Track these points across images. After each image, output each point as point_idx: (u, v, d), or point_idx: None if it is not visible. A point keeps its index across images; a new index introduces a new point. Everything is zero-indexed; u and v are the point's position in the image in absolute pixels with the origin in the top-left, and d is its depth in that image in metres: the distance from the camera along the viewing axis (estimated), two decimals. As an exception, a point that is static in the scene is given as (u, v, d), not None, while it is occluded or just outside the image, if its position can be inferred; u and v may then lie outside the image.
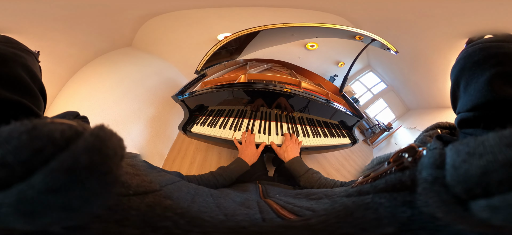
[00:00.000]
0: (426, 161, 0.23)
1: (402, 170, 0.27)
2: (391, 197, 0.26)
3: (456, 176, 0.18)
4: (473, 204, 0.17)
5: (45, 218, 0.16)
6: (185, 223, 0.26)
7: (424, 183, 0.22)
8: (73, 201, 0.16)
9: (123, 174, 0.28)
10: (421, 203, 0.22)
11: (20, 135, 0.17)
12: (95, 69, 0.89)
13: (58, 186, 0.16)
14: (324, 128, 0.93)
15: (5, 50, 0.32)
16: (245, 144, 0.79)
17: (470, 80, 0.31)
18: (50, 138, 0.17)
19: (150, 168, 0.51)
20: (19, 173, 0.16)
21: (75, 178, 0.16)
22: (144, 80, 0.98)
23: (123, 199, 0.25)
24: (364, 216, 0.26)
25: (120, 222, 0.23)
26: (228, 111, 0.89)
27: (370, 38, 0.88)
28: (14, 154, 0.16)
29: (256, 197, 0.51)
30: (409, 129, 0.93)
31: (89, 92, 0.85)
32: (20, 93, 0.31)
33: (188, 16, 0.97)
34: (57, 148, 0.17)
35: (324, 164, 0.95)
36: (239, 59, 0.98)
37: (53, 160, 0.16)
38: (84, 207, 0.17)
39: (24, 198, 0.15)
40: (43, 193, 0.15)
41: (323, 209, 0.35)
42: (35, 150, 0.16)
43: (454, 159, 0.19)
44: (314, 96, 0.87)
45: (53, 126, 0.18)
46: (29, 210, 0.15)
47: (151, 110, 0.93)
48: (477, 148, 0.18)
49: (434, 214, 0.20)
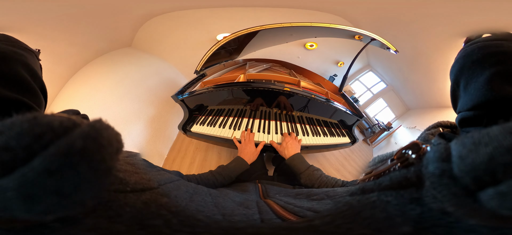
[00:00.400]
0: (432, 155, 0.22)
1: (407, 167, 0.27)
2: (397, 195, 0.25)
3: (464, 166, 0.18)
4: (482, 194, 0.17)
5: (41, 203, 0.16)
6: (177, 222, 0.26)
7: (431, 177, 0.21)
8: (65, 185, 0.17)
9: (120, 170, 0.28)
10: (429, 198, 0.22)
11: (22, 123, 0.18)
12: (95, 69, 0.89)
13: (54, 169, 0.16)
14: (323, 127, 0.93)
15: (5, 48, 0.32)
16: (245, 143, 0.79)
17: (470, 79, 0.31)
18: (49, 126, 0.18)
19: (149, 167, 0.51)
20: (22, 157, 0.17)
21: (70, 162, 0.17)
22: (144, 80, 0.99)
23: (119, 196, 0.25)
24: (373, 216, 0.26)
25: (112, 218, 0.23)
26: (228, 111, 0.89)
27: (370, 38, 0.88)
28: (16, 139, 0.17)
29: (256, 197, 0.50)
30: (409, 128, 0.93)
31: (89, 92, 0.85)
32: (20, 91, 0.31)
33: (188, 16, 0.97)
34: (55, 135, 0.18)
35: (324, 163, 0.95)
36: (239, 59, 0.98)
37: (51, 145, 0.17)
38: (75, 194, 0.17)
39: (25, 180, 0.16)
40: (41, 175, 0.16)
41: (326, 209, 0.34)
42: (36, 135, 0.17)
43: (460, 151, 0.19)
44: (313, 95, 0.86)
45: (53, 117, 0.19)
46: (30, 193, 0.16)
47: (151, 110, 0.94)
48: (483, 138, 0.18)
49: (444, 208, 0.20)
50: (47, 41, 0.78)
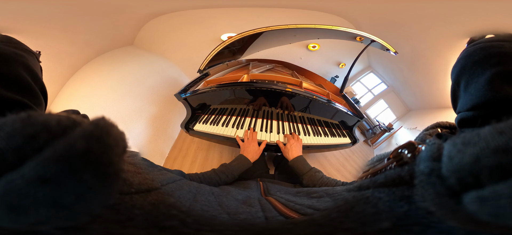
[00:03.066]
0: (424, 155, 0.22)
1: (402, 165, 0.27)
2: (390, 192, 0.26)
3: (451, 166, 0.18)
4: (465, 197, 0.17)
5: (32, 214, 0.14)
6: (193, 222, 0.25)
7: (421, 176, 0.21)
8: (64, 196, 0.14)
9: (126, 171, 0.27)
10: (418, 197, 0.22)
11: (14, 123, 0.16)
12: (96, 68, 0.89)
13: (49, 176, 0.14)
14: (324, 128, 0.94)
15: (6, 50, 0.32)
16: (248, 142, 0.80)
17: (471, 80, 0.31)
18: (45, 126, 0.16)
19: (150, 166, 0.51)
20: (11, 161, 0.14)
21: (68, 168, 0.14)
22: (146, 79, 0.98)
23: (125, 198, 0.23)
24: (364, 210, 0.26)
25: (123, 222, 0.21)
26: (231, 110, 0.89)
27: (370, 40, 0.88)
28: (6, 141, 0.15)
29: (258, 194, 0.51)
30: (410, 129, 0.93)
31: (90, 91, 0.85)
32: (20, 92, 0.31)
33: (192, 16, 0.97)
34: (51, 136, 0.15)
35: (324, 164, 0.96)
36: (242, 59, 0.99)
37: (47, 148, 0.15)
38: (78, 204, 0.15)
39: (11, 188, 0.14)
40: (32, 183, 0.14)
41: (326, 206, 0.35)
42: (28, 136, 0.15)
43: (450, 151, 0.19)
44: (315, 96, 0.87)
45: (50, 116, 0.17)
46: (16, 203, 0.14)
47: (152, 108, 0.93)
48: (472, 138, 0.18)
49: (428, 208, 0.20)
50: (47, 40, 0.78)
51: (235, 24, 0.92)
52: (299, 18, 0.91)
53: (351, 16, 0.90)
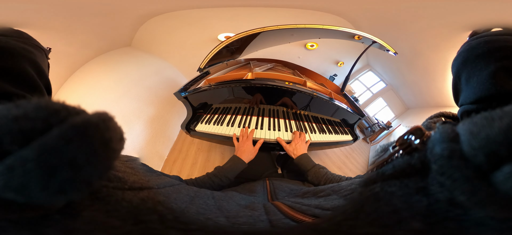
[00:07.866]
0: (438, 137, 0.20)
1: (410, 153, 0.25)
2: (402, 185, 0.23)
3: (477, 142, 0.16)
4: (497, 175, 0.15)
5: (57, 176, 0.17)
6: (173, 219, 0.26)
7: (439, 160, 0.19)
8: (79, 155, 0.17)
9: (119, 171, 0.28)
10: (436, 187, 0.20)
11: (39, 101, 0.19)
12: (94, 68, 0.88)
13: (71, 137, 0.17)
14: (328, 126, 0.95)
15: (14, 44, 0.32)
16: (242, 141, 0.77)
17: (472, 73, 0.31)
18: (64, 106, 0.19)
19: (149, 171, 0.50)
20: (40, 127, 0.17)
21: (85, 133, 0.18)
22: (144, 80, 0.97)
23: (117, 192, 0.25)
24: (377, 210, 0.23)
25: (109, 212, 0.23)
26: (235, 109, 0.88)
27: (370, 40, 0.89)
28: (35, 111, 0.18)
29: (263, 199, 0.50)
30: (408, 127, 0.94)
31: (88, 91, 0.83)
32: (25, 88, 0.31)
33: (189, 16, 0.97)
34: (69, 113, 0.19)
35: (326, 161, 0.96)
36: (241, 59, 0.98)
37: (69, 118, 0.18)
38: (87, 166, 0.18)
39: (45, 148, 0.16)
40: (60, 141, 0.17)
41: (332, 205, 0.34)
42: (52, 110, 0.18)
43: (470, 128, 0.17)
44: (319, 95, 0.89)
45: (61, 103, 0.20)
46: (48, 163, 0.16)
47: (150, 110, 0.92)
48: (495, 114, 0.17)
49: (453, 198, 0.18)
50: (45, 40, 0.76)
51: (233, 24, 0.92)
52: (297, 17, 0.92)
53: (349, 15, 0.90)
